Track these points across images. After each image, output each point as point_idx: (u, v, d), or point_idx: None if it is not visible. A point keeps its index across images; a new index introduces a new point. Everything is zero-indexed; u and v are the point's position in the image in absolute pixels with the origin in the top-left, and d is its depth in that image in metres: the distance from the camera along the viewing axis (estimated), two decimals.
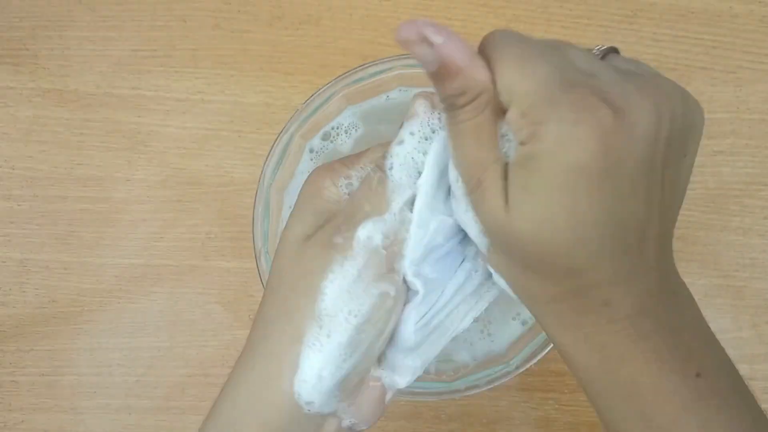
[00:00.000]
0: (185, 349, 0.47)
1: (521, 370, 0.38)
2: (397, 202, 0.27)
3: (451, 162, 0.26)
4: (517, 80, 0.23)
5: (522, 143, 0.23)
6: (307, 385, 0.27)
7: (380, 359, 0.29)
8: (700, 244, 0.48)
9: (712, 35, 0.49)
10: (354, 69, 0.39)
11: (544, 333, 0.39)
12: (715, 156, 0.48)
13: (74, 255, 0.47)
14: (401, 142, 0.28)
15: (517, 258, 0.25)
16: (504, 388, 0.46)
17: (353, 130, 0.42)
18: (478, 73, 0.23)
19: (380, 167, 0.28)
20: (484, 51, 0.24)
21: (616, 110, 0.22)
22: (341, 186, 0.29)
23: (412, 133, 0.28)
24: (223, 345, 0.47)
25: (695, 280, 0.47)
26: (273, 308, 0.29)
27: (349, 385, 0.28)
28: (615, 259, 0.24)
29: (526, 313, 0.41)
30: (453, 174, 0.26)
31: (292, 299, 0.28)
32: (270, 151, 0.40)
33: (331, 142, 0.42)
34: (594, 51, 0.26)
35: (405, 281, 0.28)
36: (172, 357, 0.47)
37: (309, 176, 0.30)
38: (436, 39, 0.23)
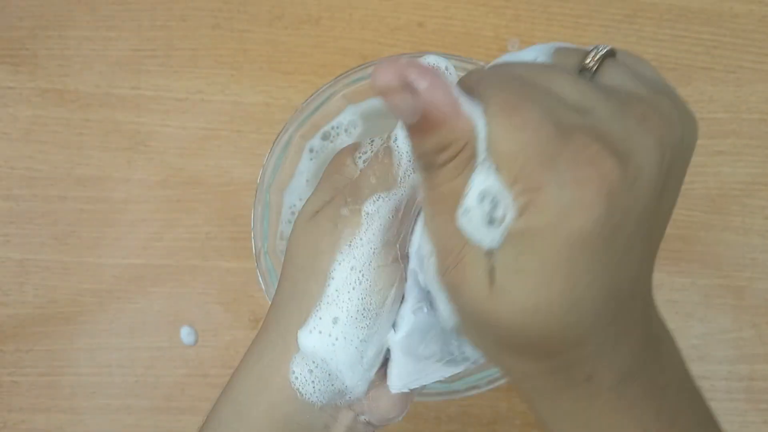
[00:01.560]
0: (185, 349, 0.47)
1: None
2: (404, 174, 0.26)
3: (423, 232, 0.23)
4: (504, 136, 0.19)
5: (515, 215, 0.19)
6: (304, 376, 0.27)
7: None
8: (701, 244, 0.48)
9: (712, 35, 0.49)
10: (354, 69, 0.39)
11: None
12: (715, 156, 0.48)
13: (74, 255, 0.47)
14: None
15: (496, 340, 0.22)
16: (504, 389, 0.46)
17: (353, 130, 0.42)
18: (462, 124, 0.20)
19: (388, 139, 0.27)
20: (469, 90, 0.21)
21: (621, 157, 0.19)
22: (360, 161, 0.29)
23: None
24: (223, 345, 0.47)
25: (696, 280, 0.47)
26: (284, 291, 0.28)
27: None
28: (603, 331, 0.21)
29: None
30: (426, 246, 0.23)
31: (301, 281, 0.27)
32: (270, 151, 0.40)
33: (331, 141, 0.42)
34: (588, 61, 0.22)
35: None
36: (171, 357, 0.47)
37: (334, 155, 0.29)
38: (421, 84, 0.19)
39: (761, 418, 0.47)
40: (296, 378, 0.27)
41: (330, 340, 0.27)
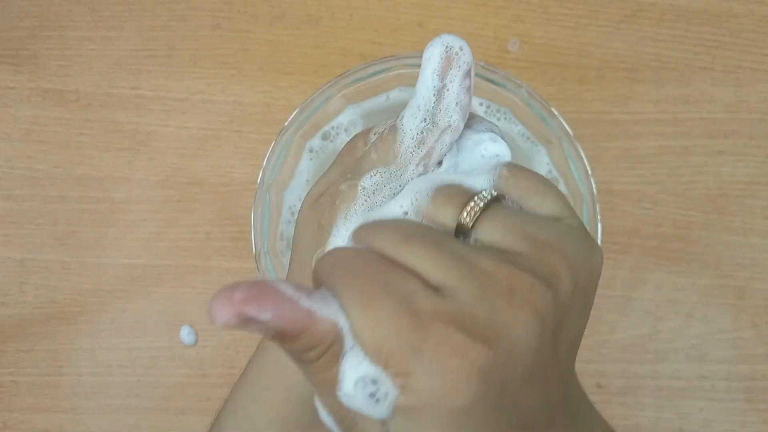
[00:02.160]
0: (185, 349, 0.47)
1: None
2: (405, 150, 0.26)
3: (317, 402, 0.23)
4: (365, 329, 0.19)
5: (396, 394, 0.19)
6: None
7: None
8: (701, 244, 0.48)
9: (712, 35, 0.49)
10: (354, 69, 0.39)
11: None
12: (715, 156, 0.48)
13: (74, 255, 0.47)
14: (415, 95, 0.26)
15: None
16: None
17: (353, 130, 0.42)
18: (322, 327, 0.19)
19: (395, 119, 0.27)
20: (322, 282, 0.21)
21: (488, 341, 0.19)
22: (370, 142, 0.29)
23: (425, 84, 0.26)
24: (223, 345, 0.47)
25: (695, 280, 0.47)
26: (292, 272, 0.28)
27: None
28: None
29: None
30: (323, 410, 0.23)
31: (307, 262, 0.27)
32: (270, 151, 0.40)
33: (331, 141, 0.42)
34: (464, 216, 0.22)
35: None
36: (171, 357, 0.47)
37: (348, 140, 0.30)
38: (263, 316, 0.19)
39: (761, 418, 0.47)
40: None
41: None
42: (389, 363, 0.19)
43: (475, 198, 0.22)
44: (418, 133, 0.26)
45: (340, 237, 0.26)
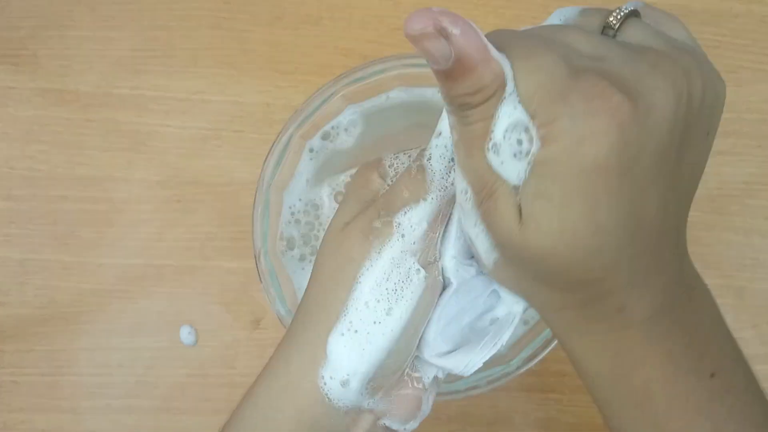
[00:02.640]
0: (185, 349, 0.47)
1: (522, 371, 0.38)
2: (436, 190, 0.27)
3: (457, 171, 0.25)
4: (523, 78, 0.21)
5: (537, 146, 0.21)
6: (334, 381, 0.27)
7: (419, 358, 0.29)
8: (702, 245, 0.48)
9: (712, 35, 0.49)
10: (354, 69, 0.39)
11: (545, 333, 0.39)
12: (716, 156, 0.48)
13: (74, 255, 0.47)
14: (439, 134, 0.27)
15: (529, 272, 0.24)
16: (504, 389, 0.46)
17: (353, 130, 0.42)
18: (496, 67, 0.21)
19: (420, 158, 0.28)
20: (494, 42, 0.22)
21: (630, 94, 0.20)
22: (388, 179, 0.30)
23: (451, 125, 0.27)
24: (223, 345, 0.47)
25: None
26: (313, 298, 0.29)
27: (381, 383, 0.28)
28: (632, 263, 0.23)
29: (528, 314, 0.41)
30: (461, 184, 0.24)
31: (330, 289, 0.28)
32: (270, 151, 0.39)
33: (331, 141, 0.42)
34: (610, 20, 0.24)
35: (441, 275, 0.28)
36: (172, 357, 0.47)
37: (358, 170, 0.31)
38: (454, 30, 0.20)
39: None
40: (325, 383, 0.27)
41: (359, 347, 0.27)
42: (538, 111, 0.21)
43: (621, 8, 0.24)
44: (447, 173, 0.27)
45: (373, 272, 0.27)
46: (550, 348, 0.38)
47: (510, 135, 0.21)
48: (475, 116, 0.22)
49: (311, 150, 0.42)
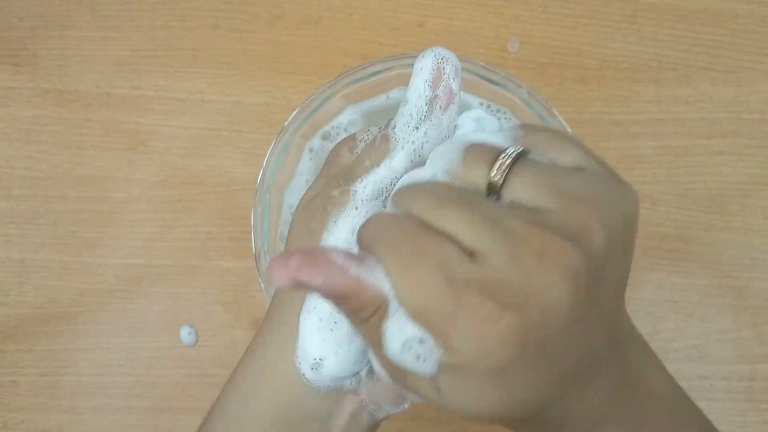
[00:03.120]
0: (185, 349, 0.47)
1: None
2: (398, 158, 0.27)
3: (370, 354, 0.25)
4: (406, 294, 0.21)
5: (440, 354, 0.21)
6: (305, 364, 0.27)
7: None
8: (701, 245, 0.48)
9: (712, 35, 0.49)
10: (354, 69, 0.39)
11: None
12: (715, 156, 0.48)
13: (74, 255, 0.47)
14: (405, 103, 0.27)
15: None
16: None
17: (353, 130, 0.42)
18: (370, 292, 0.21)
19: (386, 127, 0.28)
20: (367, 248, 0.22)
21: (521, 307, 0.20)
22: (356, 151, 0.30)
23: (417, 93, 0.27)
24: (223, 345, 0.47)
25: (695, 280, 0.47)
26: None
27: (359, 366, 0.27)
28: (561, 398, 0.23)
29: None
30: (377, 366, 0.25)
31: None
32: (270, 151, 0.40)
33: (331, 141, 0.42)
34: (493, 174, 0.22)
35: None
36: (172, 357, 0.47)
37: (332, 148, 0.31)
38: (315, 282, 0.21)
39: (761, 418, 0.47)
40: (300, 364, 0.27)
41: (329, 323, 0.27)
42: (430, 325, 0.21)
43: (502, 155, 0.22)
44: (411, 139, 0.27)
45: (332, 241, 0.27)
46: None
47: (408, 347, 0.21)
48: (365, 329, 0.23)
49: (311, 150, 0.42)
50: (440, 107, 0.27)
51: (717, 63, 0.49)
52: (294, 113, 0.40)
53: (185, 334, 0.47)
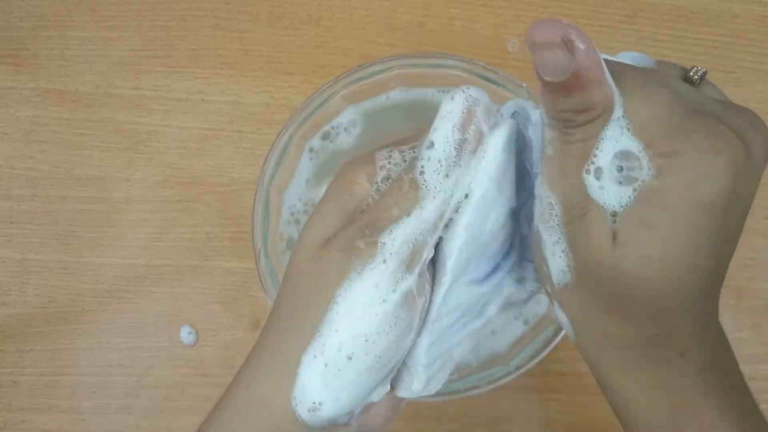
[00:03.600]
0: (185, 349, 0.47)
1: (522, 371, 0.38)
2: (429, 208, 0.25)
3: (543, 185, 0.24)
4: (637, 106, 0.21)
5: (650, 175, 0.21)
6: (302, 406, 0.26)
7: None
8: None
9: (712, 35, 0.49)
10: (354, 69, 0.39)
11: (545, 333, 0.39)
12: None
13: (74, 255, 0.47)
14: (431, 145, 0.26)
15: (607, 297, 0.23)
16: (504, 389, 0.46)
17: (353, 130, 0.42)
18: (608, 89, 0.21)
19: (411, 169, 0.26)
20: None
21: (744, 142, 0.21)
22: (377, 183, 0.27)
23: (445, 137, 0.26)
24: (223, 345, 0.47)
25: None
26: (284, 317, 0.27)
27: (356, 407, 0.27)
28: (700, 306, 0.23)
29: (527, 313, 0.41)
30: (546, 199, 0.24)
31: (302, 308, 0.26)
32: (270, 151, 0.40)
33: (331, 141, 0.42)
34: (691, 74, 0.24)
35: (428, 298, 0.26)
36: (172, 357, 0.47)
37: (343, 167, 0.27)
38: (580, 45, 0.20)
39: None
40: (297, 405, 0.26)
41: (333, 369, 0.25)
42: (654, 142, 0.21)
43: (695, 67, 0.24)
44: (442, 189, 0.26)
45: (355, 294, 0.25)
46: (550, 348, 0.38)
47: (618, 159, 0.21)
48: (578, 135, 0.22)
49: (311, 150, 0.42)
50: (469, 151, 0.26)
51: (717, 63, 0.49)
52: (294, 113, 0.40)
53: (185, 334, 0.47)
